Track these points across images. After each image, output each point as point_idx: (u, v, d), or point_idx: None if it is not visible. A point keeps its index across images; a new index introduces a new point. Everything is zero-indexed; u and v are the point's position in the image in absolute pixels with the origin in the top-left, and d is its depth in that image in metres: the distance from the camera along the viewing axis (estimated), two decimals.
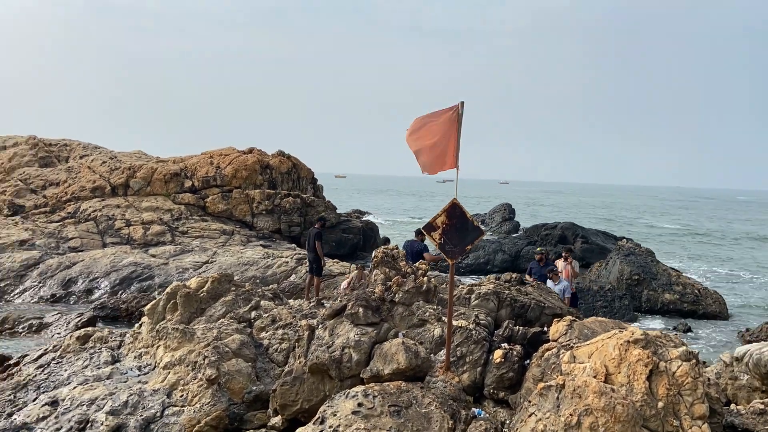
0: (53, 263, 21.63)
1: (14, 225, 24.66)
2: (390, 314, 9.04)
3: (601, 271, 24.77)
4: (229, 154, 30.48)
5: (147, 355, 10.01)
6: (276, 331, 10.58)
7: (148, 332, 10.64)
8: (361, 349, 8.30)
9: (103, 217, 25.71)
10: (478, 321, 8.82)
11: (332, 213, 30.19)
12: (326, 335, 8.90)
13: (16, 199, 27.16)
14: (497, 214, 50.97)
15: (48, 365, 10.24)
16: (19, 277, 20.92)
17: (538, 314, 9.60)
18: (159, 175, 28.37)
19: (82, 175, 28.57)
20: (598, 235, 34.62)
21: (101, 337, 11.08)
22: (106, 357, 10.14)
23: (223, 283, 12.15)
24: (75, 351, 10.56)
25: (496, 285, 10.13)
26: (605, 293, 20.52)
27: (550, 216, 71.11)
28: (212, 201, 28.01)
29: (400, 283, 9.34)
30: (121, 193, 27.74)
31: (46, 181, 28.32)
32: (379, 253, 10.38)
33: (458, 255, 8.45)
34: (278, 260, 22.35)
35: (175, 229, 25.68)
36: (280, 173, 30.76)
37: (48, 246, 23.15)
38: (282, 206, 28.43)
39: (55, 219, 25.77)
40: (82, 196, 27.23)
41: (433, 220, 8.46)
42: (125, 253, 22.65)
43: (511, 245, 31.59)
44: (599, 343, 7.35)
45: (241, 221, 27.85)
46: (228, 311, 11.54)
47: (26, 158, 29.97)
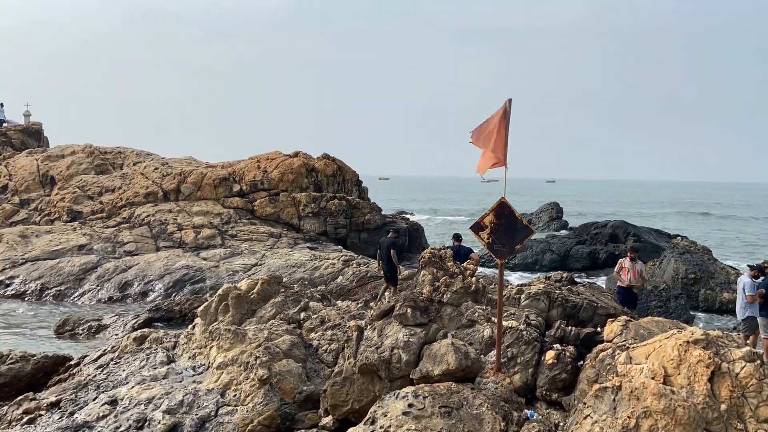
0: (110, 267, 22.42)
1: (73, 230, 25.68)
2: (438, 315, 8.98)
3: (654, 270, 24.01)
4: (275, 158, 30.94)
5: (201, 356, 10.25)
6: (325, 332, 10.66)
7: (201, 333, 10.89)
8: (410, 350, 8.28)
9: (156, 221, 26.50)
10: (529, 321, 8.67)
11: (377, 215, 30.26)
12: (375, 336, 8.91)
13: (75, 205, 28.28)
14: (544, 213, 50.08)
15: (107, 365, 10.61)
16: (78, 280, 21.77)
17: (591, 314, 9.37)
18: (208, 180, 29.05)
19: (135, 182, 29.53)
20: (651, 233, 33.58)
21: (157, 338, 11.41)
22: (162, 357, 10.43)
23: (273, 285, 12.33)
24: (132, 352, 10.90)
25: (547, 285, 9.94)
26: (660, 293, 19.87)
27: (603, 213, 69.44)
28: (260, 204, 28.50)
29: (448, 284, 9.27)
30: (173, 198, 28.52)
31: (102, 188, 29.39)
32: (427, 253, 10.34)
33: (507, 255, 8.32)
34: (325, 262, 22.55)
35: (225, 233, 26.24)
36: (325, 176, 31.03)
37: (105, 250, 24.01)
38: (328, 209, 28.67)
39: (111, 224, 26.71)
40: (136, 201, 28.13)
41: (481, 219, 8.36)
42: (178, 257, 23.28)
43: (560, 244, 30.97)
44: (657, 344, 7.12)
45: (288, 224, 28.23)
46: (278, 312, 11.69)
47: (83, 166, 31.18)
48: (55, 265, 22.46)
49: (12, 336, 16.16)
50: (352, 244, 28.17)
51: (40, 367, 11.49)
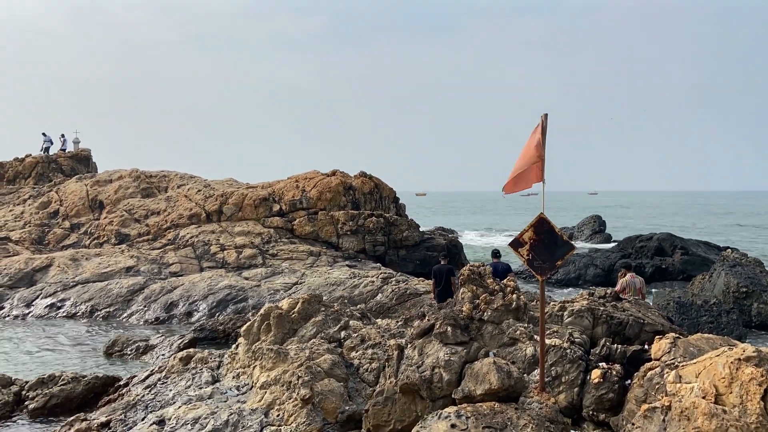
0: (156, 288, 23.00)
1: (121, 253, 26.49)
2: (479, 333, 8.90)
3: (704, 284, 23.24)
4: (313, 177, 31.36)
5: (244, 375, 10.39)
6: (366, 351, 10.68)
7: (245, 353, 11.05)
8: (451, 369, 8.22)
9: (199, 242, 27.11)
10: (573, 339, 8.51)
11: (415, 231, 30.25)
12: (415, 355, 8.89)
13: (122, 228, 29.21)
14: (586, 226, 49.17)
15: (154, 385, 10.85)
16: (126, 301, 22.40)
17: (638, 331, 9.13)
18: (249, 201, 29.61)
19: (179, 204, 30.33)
20: (699, 245, 32.55)
21: (202, 358, 11.62)
22: (207, 377, 10.61)
23: (313, 304, 12.43)
24: (178, 371, 11.13)
25: (590, 301, 9.74)
26: (710, 308, 19.20)
27: (646, 227, 67.73)
28: (299, 224, 28.87)
29: (488, 301, 9.19)
30: (215, 219, 29.17)
31: (148, 211, 30.29)
32: (466, 270, 10.28)
33: (548, 271, 8.22)
34: (364, 279, 22.62)
35: (266, 252, 26.64)
36: (362, 194, 31.26)
37: (151, 272, 24.66)
38: (366, 226, 28.83)
39: (157, 246, 27.46)
40: (180, 223, 28.87)
41: (521, 235, 8.29)
42: (221, 277, 23.72)
43: (603, 258, 30.31)
44: (707, 362, 6.90)
45: (327, 242, 28.49)
46: (318, 331, 11.78)
47: (130, 190, 32.23)
48: (105, 287, 23.17)
49: (64, 357, 16.71)
50: (390, 261, 28.20)
51: (90, 388, 11.85)
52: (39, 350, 17.41)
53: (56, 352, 17.17)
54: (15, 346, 17.83)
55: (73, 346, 17.87)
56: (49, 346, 17.84)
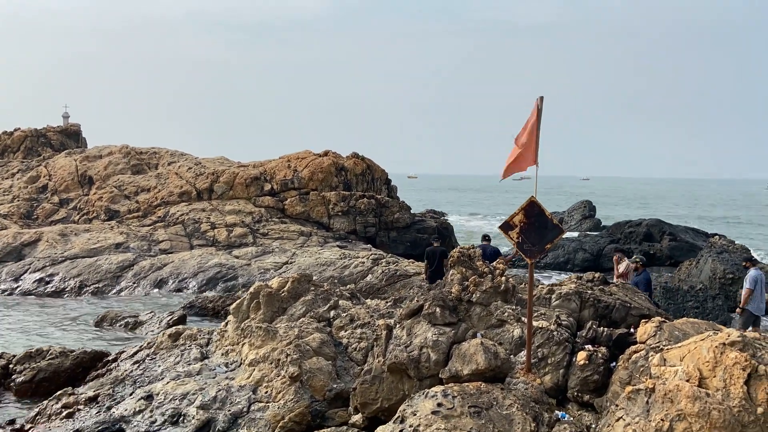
0: (146, 264, 22.94)
1: (110, 229, 26.36)
2: (467, 314, 8.95)
3: (691, 269, 23.49)
4: (305, 157, 31.23)
5: (233, 353, 10.42)
6: (354, 331, 10.73)
7: (234, 330, 11.07)
8: (439, 349, 8.28)
9: (190, 220, 27.01)
10: (560, 322, 8.59)
11: (406, 213, 30.28)
12: (404, 335, 8.94)
13: (112, 204, 29.02)
14: (576, 211, 49.39)
15: (143, 361, 10.87)
16: (115, 277, 22.35)
17: (624, 315, 9.22)
18: (240, 180, 29.47)
19: (170, 181, 30.15)
20: (688, 231, 32.82)
21: (191, 335, 11.64)
22: (196, 354, 10.64)
23: (303, 283, 12.45)
24: (167, 348, 11.15)
25: (578, 284, 9.82)
26: (696, 293, 19.44)
27: (636, 213, 68.18)
28: (290, 203, 28.79)
29: (477, 283, 9.24)
30: (206, 197, 29.04)
31: (138, 188, 30.10)
32: (455, 252, 10.31)
33: (537, 255, 8.25)
34: (354, 260, 22.67)
35: (256, 231, 26.60)
36: (354, 175, 31.19)
37: (141, 248, 24.58)
38: (357, 207, 28.81)
39: (147, 223, 27.33)
40: (170, 200, 28.72)
41: (511, 218, 8.31)
42: (211, 255, 23.69)
43: (593, 243, 30.52)
44: (692, 346, 6.98)
45: (318, 222, 28.47)
46: (308, 311, 11.81)
47: (120, 166, 31.98)
48: (94, 262, 23.08)
49: (52, 331, 16.68)
50: (381, 242, 28.25)
51: (78, 363, 11.85)
52: (27, 324, 17.37)
53: (44, 327, 17.14)
54: (2, 320, 17.77)
55: (61, 321, 17.84)
56: (37, 321, 17.80)
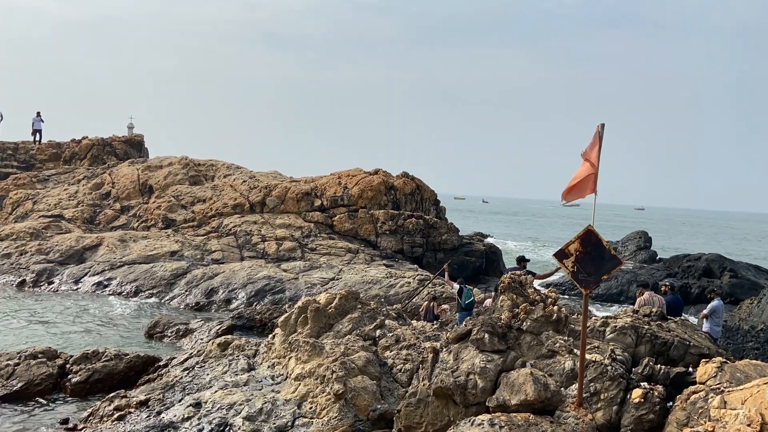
0: (198, 273, 23.52)
1: (167, 237, 27.20)
2: (517, 342, 8.79)
3: (752, 308, 22.38)
4: (356, 175, 31.53)
5: (279, 365, 10.53)
6: (400, 351, 10.67)
7: (281, 343, 11.20)
8: (486, 377, 8.14)
9: (242, 232, 27.60)
10: (614, 356, 8.31)
11: (454, 235, 30.08)
12: (450, 359, 8.83)
13: (169, 213, 29.97)
14: (631, 242, 47.95)
15: (192, 369, 11.11)
16: (169, 284, 22.99)
17: (682, 353, 8.85)
18: (291, 194, 29.98)
19: (225, 193, 30.94)
20: (750, 269, 31.37)
21: (239, 346, 11.83)
22: (243, 364, 10.80)
23: (350, 301, 12.51)
24: (216, 357, 11.36)
25: (634, 319, 9.50)
26: (757, 333, 18.50)
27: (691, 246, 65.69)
28: (339, 220, 29.06)
29: (528, 311, 9.07)
30: (258, 210, 29.64)
31: (194, 198, 31.01)
32: (506, 278, 10.16)
33: (593, 285, 8.05)
34: (401, 280, 22.62)
35: (305, 246, 26.92)
36: (403, 194, 31.26)
37: (194, 257, 25.23)
38: (405, 227, 28.81)
39: (201, 233, 28.08)
40: (224, 212, 29.46)
41: (566, 246, 8.14)
42: (260, 267, 24.10)
43: (648, 276, 29.50)
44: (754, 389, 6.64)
45: (366, 240, 28.59)
46: (354, 328, 11.84)
47: (179, 176, 33.05)
48: (150, 269, 23.83)
49: (108, 333, 17.26)
50: (428, 263, 28.10)
51: (132, 366, 12.21)
52: (84, 326, 18.03)
53: (100, 329, 17.75)
54: (62, 321, 18.51)
55: (116, 324, 18.44)
56: (94, 323, 18.45)
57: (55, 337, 16.50)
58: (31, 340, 15.80)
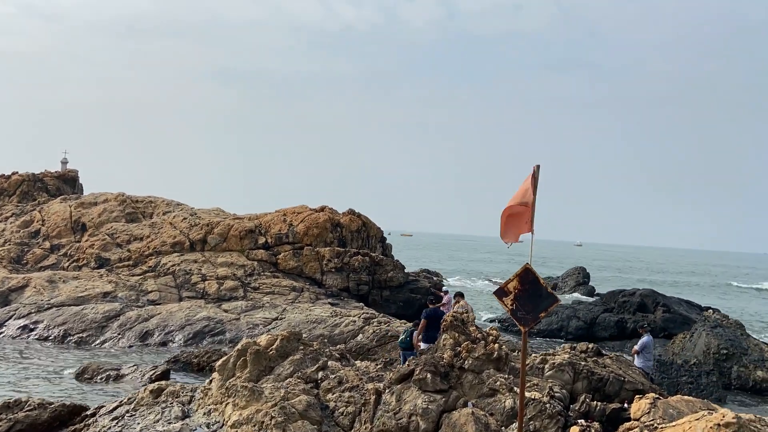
0: (132, 315, 22.55)
1: (99, 277, 26.05)
2: (459, 382, 8.78)
3: (685, 343, 23.26)
4: (301, 212, 31.32)
5: (216, 412, 10.10)
6: (342, 394, 10.45)
7: (218, 389, 10.77)
8: (428, 418, 8.07)
9: (180, 271, 26.76)
10: (553, 393, 8.41)
11: (400, 272, 30.14)
12: (393, 400, 8.72)
13: (103, 252, 28.79)
14: (570, 277, 49.34)
15: (122, 418, 10.50)
16: (100, 327, 21.91)
17: (618, 389, 9.05)
18: (235, 232, 29.43)
19: (163, 231, 30.05)
20: (682, 303, 32.72)
21: (173, 392, 11.30)
22: (177, 412, 10.30)
23: (292, 342, 12.21)
24: (148, 404, 10.80)
25: (572, 355, 9.69)
26: (690, 368, 19.17)
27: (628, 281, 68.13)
28: (284, 258, 28.65)
29: (470, 349, 9.10)
30: (199, 248, 28.89)
31: (131, 236, 29.95)
32: (449, 316, 10.20)
33: (531, 323, 8.16)
34: (346, 319, 22.37)
35: (248, 285, 26.33)
36: (350, 231, 31.23)
37: (129, 298, 24.22)
38: (351, 264, 28.67)
39: (137, 272, 27.05)
40: (162, 250, 28.54)
41: (505, 284, 8.26)
42: (199, 308, 23.35)
43: (586, 311, 30.32)
44: (686, 425, 6.83)
45: (311, 278, 28.25)
46: (296, 370, 11.53)
47: (114, 214, 31.92)
48: (80, 311, 22.69)
49: (32, 381, 16.19)
50: (373, 301, 27.98)
51: (57, 416, 11.43)
52: (7, 372, 16.88)
53: (24, 375, 16.65)
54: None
55: (42, 370, 17.35)
56: (18, 369, 17.30)
57: None
58: None
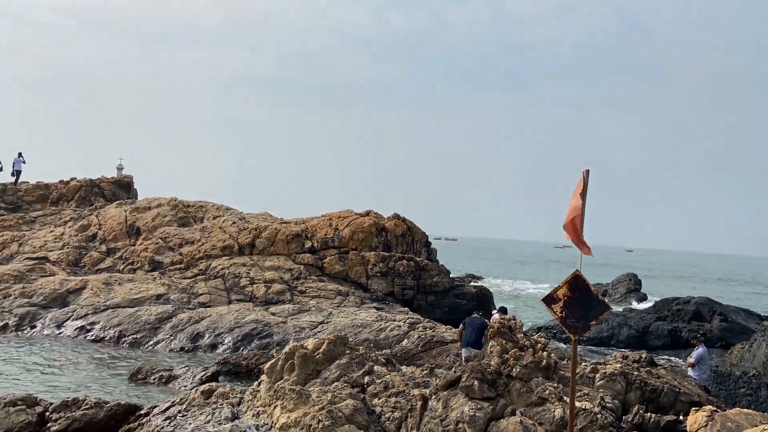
0: (184, 317, 23.16)
1: (153, 280, 26.87)
2: (507, 389, 8.66)
3: (743, 353, 22.29)
4: (347, 216, 31.55)
5: (264, 414, 10.27)
6: (389, 399, 10.45)
7: (266, 391, 10.94)
8: (476, 425, 7.99)
9: (230, 274, 27.34)
10: (604, 404, 8.20)
11: (445, 277, 29.96)
12: (440, 407, 8.67)
13: (156, 255, 29.70)
14: (621, 284, 48.01)
15: (174, 418, 10.79)
16: (153, 329, 22.59)
17: (672, 400, 8.75)
18: (282, 236, 29.87)
19: (213, 235, 30.77)
20: (740, 312, 31.36)
21: (223, 393, 11.55)
22: (227, 413, 10.52)
23: (339, 346, 12.29)
24: (199, 405, 11.06)
25: (624, 365, 9.42)
26: (749, 379, 18.35)
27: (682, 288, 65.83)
28: (329, 262, 28.91)
29: (517, 357, 8.97)
30: (248, 252, 29.45)
31: (182, 240, 30.79)
32: (496, 323, 10.09)
33: (581, 331, 8.00)
34: (391, 323, 22.39)
35: (294, 288, 26.68)
36: (395, 236, 31.25)
37: (180, 301, 24.89)
38: (396, 269, 28.68)
39: (188, 275, 27.77)
40: (212, 254, 29.23)
41: (554, 291, 8.12)
42: (248, 310, 23.79)
43: (638, 320, 29.42)
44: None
45: (356, 282, 28.39)
46: (342, 374, 11.61)
47: (167, 218, 32.88)
48: (134, 313, 23.45)
49: (88, 380, 16.83)
50: (418, 306, 27.90)
51: (112, 415, 11.84)
52: (65, 372, 17.59)
53: (81, 375, 17.32)
54: (42, 366, 18.06)
55: (98, 371, 18.01)
56: (75, 369, 18.01)
57: (34, 383, 16.06)
58: (11, 386, 15.36)
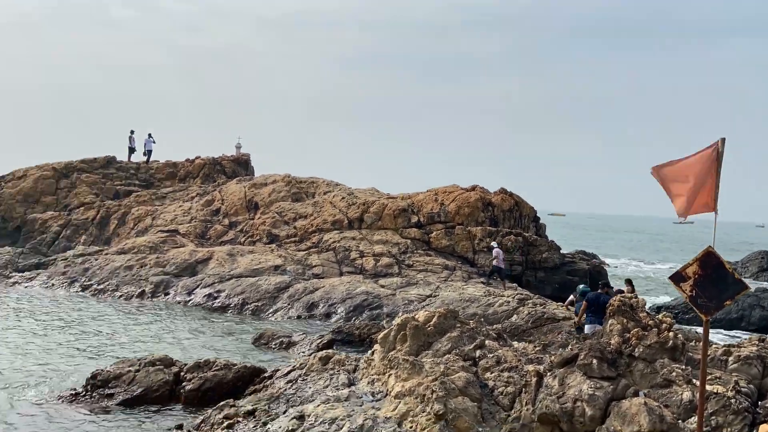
0: (300, 287, 24.31)
1: (270, 252, 28.36)
2: (628, 370, 8.33)
3: None
4: (453, 191, 31.39)
5: (379, 382, 10.61)
6: (501, 373, 10.41)
7: (380, 360, 11.28)
8: (595, 405, 7.78)
9: (340, 248, 28.25)
10: (738, 388, 7.67)
11: (555, 253, 29.10)
12: (555, 384, 8.52)
13: (273, 229, 31.28)
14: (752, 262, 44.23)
15: (295, 381, 11.44)
16: (273, 298, 23.92)
17: None
18: (389, 211, 30.33)
19: (324, 210, 31.86)
20: None
21: (339, 360, 12.06)
22: (344, 379, 10.98)
23: (449, 319, 12.38)
24: (318, 371, 11.64)
25: (761, 348, 8.73)
26: None
27: None
28: (436, 236, 29.00)
29: (640, 336, 8.58)
30: (356, 226, 30.23)
31: (296, 214, 32.17)
32: (616, 300, 9.68)
33: (714, 311, 7.47)
34: (499, 299, 22.16)
35: (402, 262, 27.08)
36: (501, 211, 30.72)
37: (296, 272, 26.12)
38: (503, 244, 28.23)
39: (303, 248, 29.03)
40: (324, 228, 30.31)
41: (683, 269, 7.62)
42: (358, 282, 24.51)
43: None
44: None
45: (463, 257, 28.30)
46: (453, 347, 11.70)
47: (282, 194, 34.44)
48: (255, 282, 24.94)
49: (217, 343, 18.20)
50: (527, 282, 27.36)
51: (240, 376, 12.77)
52: (196, 335, 19.14)
53: (210, 338, 18.76)
54: (176, 330, 19.77)
55: (224, 334, 19.42)
56: (205, 332, 19.54)
57: (169, 345, 17.61)
58: (150, 347, 16.97)
